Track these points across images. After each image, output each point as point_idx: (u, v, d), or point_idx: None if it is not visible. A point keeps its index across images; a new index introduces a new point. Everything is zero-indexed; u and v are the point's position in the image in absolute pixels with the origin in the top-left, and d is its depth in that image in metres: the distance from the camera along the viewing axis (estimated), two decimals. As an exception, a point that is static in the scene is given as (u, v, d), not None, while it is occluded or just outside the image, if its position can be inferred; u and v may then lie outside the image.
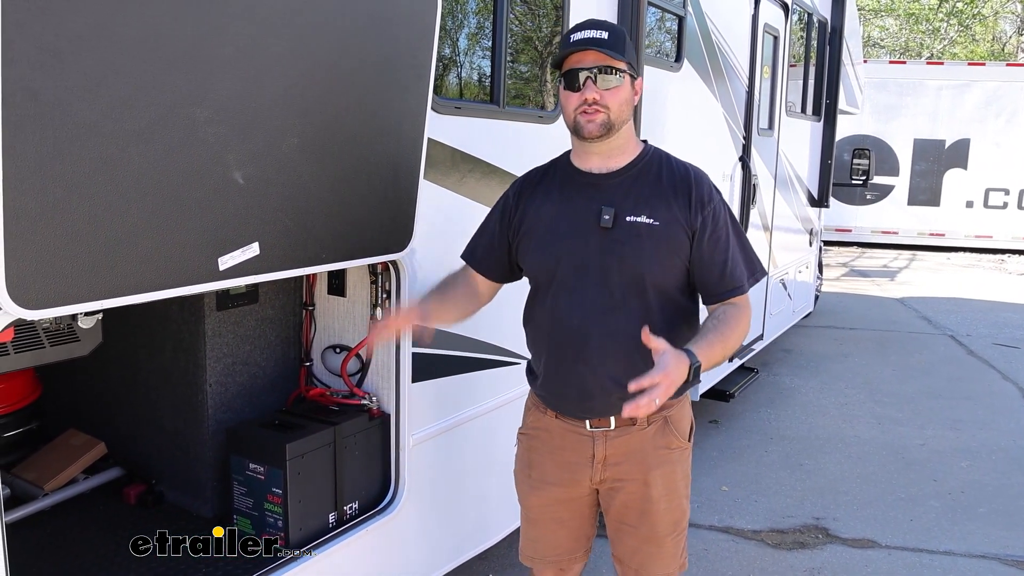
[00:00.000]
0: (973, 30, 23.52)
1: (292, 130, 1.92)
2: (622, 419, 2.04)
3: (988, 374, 6.92)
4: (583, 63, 1.93)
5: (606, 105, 1.93)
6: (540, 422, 2.18)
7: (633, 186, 2.02)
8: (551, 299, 2.05)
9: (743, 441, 5.23)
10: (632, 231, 1.97)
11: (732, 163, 4.90)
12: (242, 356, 2.66)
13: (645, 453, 2.09)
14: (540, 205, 2.08)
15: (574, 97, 1.95)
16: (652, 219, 1.97)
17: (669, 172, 2.05)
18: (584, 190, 2.04)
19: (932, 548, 3.91)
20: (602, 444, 2.09)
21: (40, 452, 2.81)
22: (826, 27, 6.67)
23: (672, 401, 2.10)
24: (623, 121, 1.99)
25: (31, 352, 2.24)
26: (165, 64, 1.62)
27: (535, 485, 2.20)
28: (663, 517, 2.14)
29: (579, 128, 1.97)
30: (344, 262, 2.20)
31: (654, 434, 2.09)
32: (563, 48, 1.98)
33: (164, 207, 1.69)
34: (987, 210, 13.86)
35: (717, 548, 3.86)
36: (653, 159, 2.08)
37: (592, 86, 1.92)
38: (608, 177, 2.03)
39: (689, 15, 4.06)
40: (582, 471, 2.13)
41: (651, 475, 2.10)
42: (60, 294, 1.54)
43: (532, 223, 2.08)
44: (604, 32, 1.94)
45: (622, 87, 1.95)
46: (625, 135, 2.03)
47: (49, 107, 1.45)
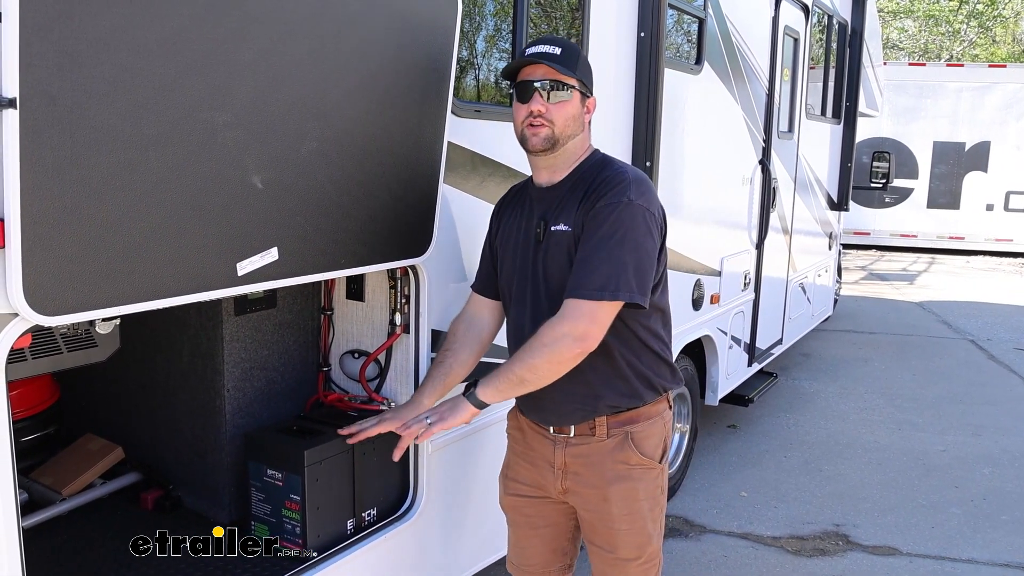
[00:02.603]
0: (993, 32, 23.29)
1: (311, 134, 1.90)
2: (581, 428, 2.10)
3: (1009, 379, 6.84)
4: (533, 76, 1.97)
5: (551, 119, 1.97)
6: (516, 422, 2.27)
7: (566, 197, 2.04)
8: (512, 311, 2.16)
9: (762, 446, 5.19)
10: (553, 240, 2.02)
11: (752, 166, 4.85)
12: (260, 361, 2.65)
13: (603, 466, 2.10)
14: (509, 221, 2.17)
15: (522, 108, 2.00)
16: (566, 226, 2.00)
17: (595, 177, 2.02)
18: (533, 204, 2.11)
19: (955, 556, 3.86)
20: (562, 450, 2.13)
21: (58, 457, 2.80)
22: (846, 29, 6.60)
23: (635, 414, 2.09)
24: (568, 136, 2.01)
25: (48, 358, 2.23)
26: (184, 68, 1.61)
27: (508, 485, 2.29)
28: (625, 539, 2.13)
29: (525, 140, 2.03)
30: (364, 267, 2.18)
31: (612, 448, 2.09)
32: (516, 60, 2.03)
33: (182, 212, 1.67)
34: (1008, 213, 13.72)
35: (736, 554, 3.82)
36: (590, 168, 2.06)
37: (539, 99, 1.96)
38: (551, 190, 2.08)
39: (709, 17, 4.03)
40: (546, 476, 2.18)
41: (609, 490, 2.10)
42: (78, 300, 1.53)
43: (503, 239, 2.18)
44: (557, 48, 1.98)
45: (570, 103, 1.99)
46: (572, 150, 2.05)
47: (67, 111, 1.44)
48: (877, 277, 12.09)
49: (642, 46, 3.39)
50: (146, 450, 2.83)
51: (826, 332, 8.11)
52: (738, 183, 4.70)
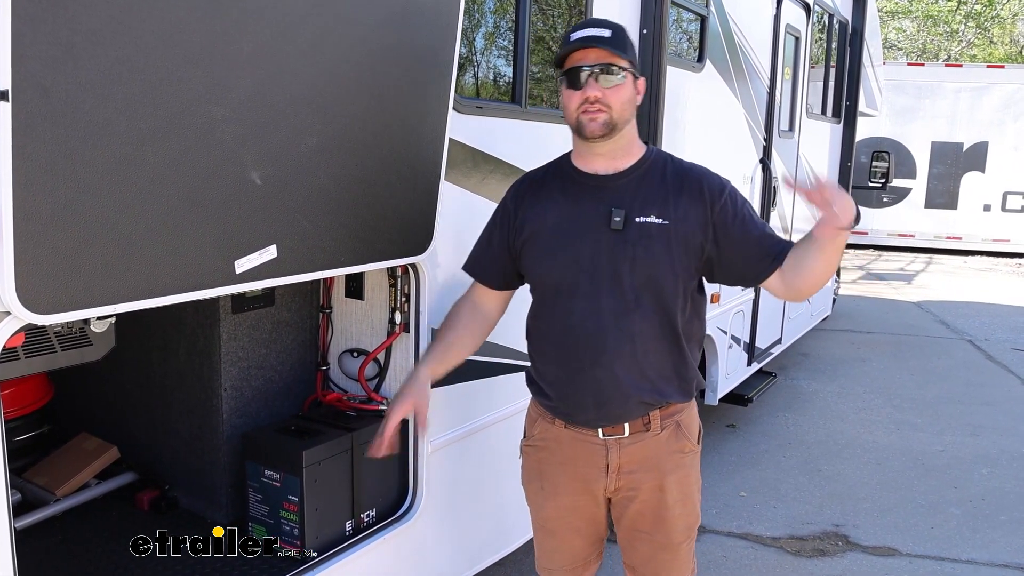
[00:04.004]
0: (991, 32, 23.31)
1: (311, 130, 1.87)
2: (636, 425, 2.04)
3: (1007, 380, 6.83)
4: (585, 61, 1.90)
5: (608, 104, 1.90)
6: (548, 433, 2.13)
7: (640, 187, 1.99)
8: (562, 305, 2.01)
9: (761, 446, 5.17)
10: (643, 232, 1.95)
11: (753, 165, 4.83)
12: (257, 360, 2.62)
13: (660, 459, 2.07)
14: (543, 209, 2.04)
15: (576, 95, 1.91)
16: (662, 219, 1.95)
17: (674, 171, 2.03)
18: (590, 192, 2.00)
19: (954, 557, 3.85)
20: (616, 452, 2.06)
21: (51, 456, 2.77)
22: (847, 28, 6.58)
23: (682, 404, 2.09)
24: (625, 121, 1.96)
25: (42, 357, 2.20)
26: (182, 60, 1.58)
27: (549, 496, 2.17)
28: (678, 522, 2.12)
29: (581, 128, 1.94)
30: (363, 265, 2.15)
31: (667, 439, 2.07)
32: (564, 46, 1.94)
33: (179, 208, 1.64)
34: (1005, 214, 13.73)
35: (736, 555, 3.80)
36: (658, 159, 2.06)
37: (594, 84, 1.89)
38: (615, 178, 2.00)
39: (712, 15, 4.00)
40: (596, 481, 2.09)
41: (666, 480, 2.08)
42: (72, 298, 1.50)
43: (535, 228, 2.03)
44: (607, 30, 1.91)
45: (624, 86, 1.92)
46: (628, 136, 2.00)
47: (61, 104, 1.40)
48: (875, 277, 12.09)
49: (644, 43, 3.36)
50: (142, 450, 2.80)
51: (824, 332, 8.10)
52: (739, 182, 4.68)
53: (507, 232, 2.09)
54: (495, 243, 2.12)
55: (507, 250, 2.09)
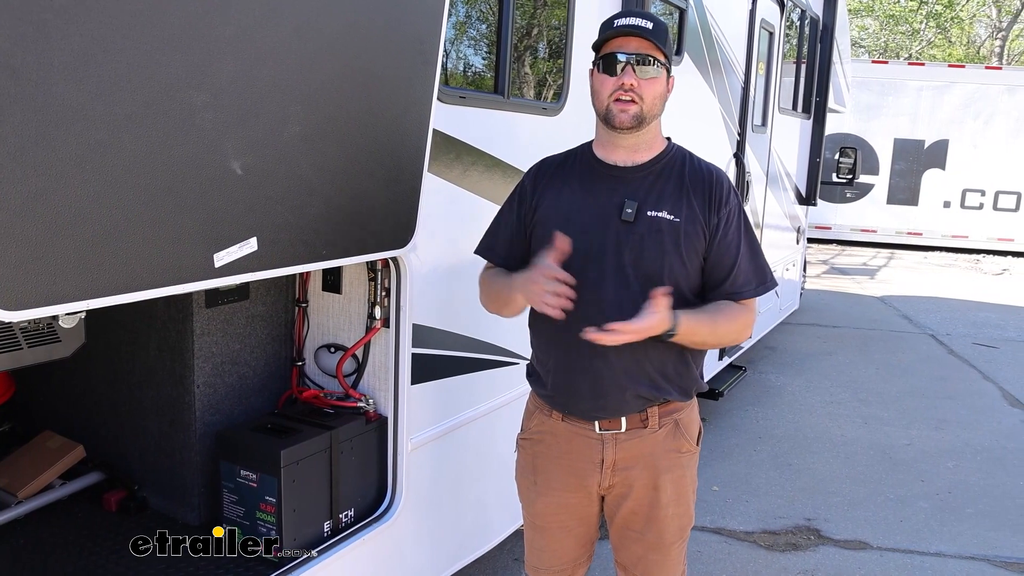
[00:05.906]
0: (950, 32, 23.78)
1: (293, 118, 1.80)
2: (633, 420, 2.02)
3: (969, 374, 6.97)
4: (625, 48, 1.90)
5: (641, 95, 1.91)
6: (545, 425, 2.11)
7: (656, 182, 1.99)
8: None
9: (732, 440, 5.20)
10: (653, 226, 1.94)
11: (727, 159, 4.84)
12: (231, 355, 2.54)
13: (655, 457, 2.05)
14: (558, 193, 2.03)
15: (610, 81, 1.91)
16: (673, 215, 1.96)
17: (692, 170, 2.03)
18: (607, 182, 2.00)
19: (923, 550, 3.91)
20: (611, 448, 2.04)
21: (13, 456, 2.67)
22: (818, 24, 6.63)
23: (681, 403, 2.08)
24: (654, 116, 1.97)
25: (7, 354, 2.09)
26: (160, 43, 1.50)
27: (541, 491, 2.14)
28: (671, 523, 2.10)
29: (611, 117, 1.93)
30: (345, 259, 2.09)
31: (665, 437, 2.05)
32: (605, 31, 1.93)
33: (157, 199, 1.56)
34: (963, 210, 14.03)
35: (710, 550, 3.81)
36: (677, 156, 2.06)
37: (631, 72, 1.89)
38: (633, 171, 2.00)
39: (690, 7, 3.98)
40: (590, 476, 2.07)
41: (661, 479, 2.06)
42: (43, 293, 1.42)
43: (548, 211, 2.02)
44: (650, 22, 1.92)
45: (659, 80, 1.94)
46: (654, 130, 2.02)
47: (31, 87, 1.32)
48: (838, 271, 12.26)
49: (625, 35, 3.32)
50: (109, 448, 2.70)
51: (791, 325, 8.18)
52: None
53: (524, 212, 2.07)
54: (511, 221, 2.09)
55: (522, 229, 2.07)
